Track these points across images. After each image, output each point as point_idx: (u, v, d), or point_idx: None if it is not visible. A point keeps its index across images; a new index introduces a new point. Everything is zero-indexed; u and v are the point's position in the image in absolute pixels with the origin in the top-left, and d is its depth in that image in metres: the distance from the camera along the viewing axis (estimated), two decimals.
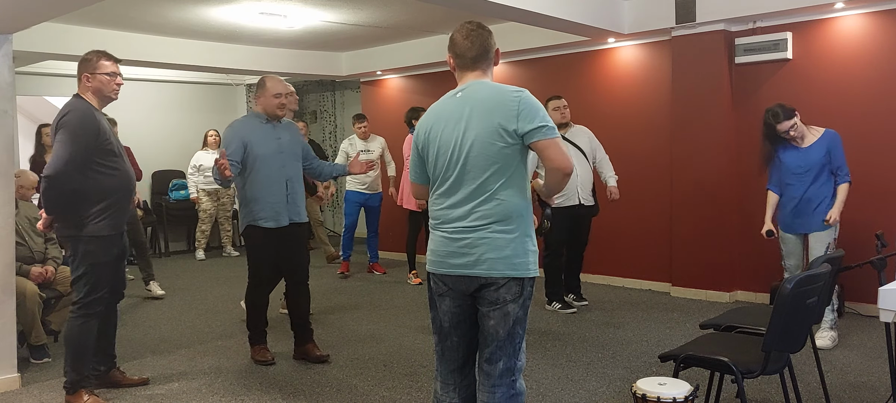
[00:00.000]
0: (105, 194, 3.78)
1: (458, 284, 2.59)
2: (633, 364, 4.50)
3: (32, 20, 4.35)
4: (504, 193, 2.53)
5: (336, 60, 9.24)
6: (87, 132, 3.69)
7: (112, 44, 6.98)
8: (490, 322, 2.55)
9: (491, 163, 2.51)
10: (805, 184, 4.63)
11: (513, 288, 2.53)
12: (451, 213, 2.59)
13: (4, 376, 4.27)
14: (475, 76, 2.65)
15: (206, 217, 9.36)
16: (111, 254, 3.88)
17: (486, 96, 2.56)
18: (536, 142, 2.50)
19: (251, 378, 4.43)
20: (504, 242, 2.51)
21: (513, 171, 2.54)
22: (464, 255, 2.55)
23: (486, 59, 2.66)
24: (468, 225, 2.54)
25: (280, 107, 4.52)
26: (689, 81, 6.33)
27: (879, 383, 4.06)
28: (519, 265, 2.53)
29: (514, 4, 5.21)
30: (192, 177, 9.22)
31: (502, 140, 2.50)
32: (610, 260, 7.12)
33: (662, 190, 6.69)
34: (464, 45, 2.64)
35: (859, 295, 5.55)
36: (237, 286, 7.38)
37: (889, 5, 5.45)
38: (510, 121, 2.49)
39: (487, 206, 2.52)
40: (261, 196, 4.40)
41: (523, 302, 2.57)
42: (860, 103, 5.61)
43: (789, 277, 2.70)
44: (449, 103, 2.65)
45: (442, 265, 2.62)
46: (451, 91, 2.68)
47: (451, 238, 2.58)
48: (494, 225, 2.51)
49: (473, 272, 2.54)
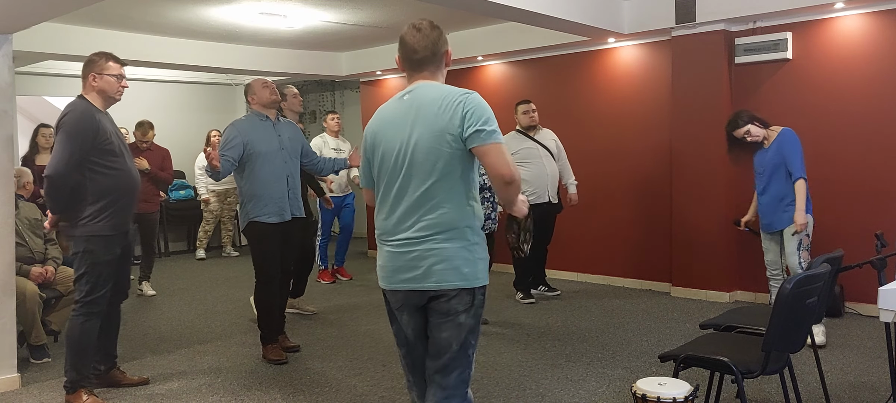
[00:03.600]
0: (103, 193, 3.79)
1: (410, 298, 2.49)
2: (633, 364, 4.50)
3: (32, 20, 4.35)
4: (451, 201, 2.40)
5: (336, 60, 9.24)
6: (85, 132, 3.71)
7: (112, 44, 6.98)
8: (443, 334, 2.46)
9: (435, 169, 2.38)
10: (763, 182, 4.86)
11: (464, 299, 2.44)
12: (395, 225, 2.47)
13: (4, 376, 4.27)
14: (423, 78, 2.52)
15: (211, 217, 9.39)
16: (112, 254, 3.88)
17: (433, 98, 2.42)
18: (477, 147, 2.35)
19: (251, 378, 4.43)
20: (452, 252, 2.40)
21: (459, 177, 2.40)
22: (412, 269, 2.43)
23: (436, 61, 2.52)
24: (414, 236, 2.42)
25: (272, 93, 4.64)
26: (689, 81, 6.33)
27: (879, 383, 4.06)
28: (468, 275, 2.42)
29: (514, 4, 5.21)
30: (202, 177, 9.22)
31: (447, 145, 2.37)
32: (610, 260, 7.12)
33: (662, 190, 6.68)
34: (412, 45, 2.50)
35: (859, 295, 5.55)
36: (237, 286, 7.39)
37: (889, 5, 5.45)
38: (454, 124, 2.36)
39: (433, 216, 2.40)
40: (264, 192, 4.49)
41: (475, 312, 2.47)
42: (860, 103, 5.61)
43: (789, 277, 2.70)
44: (395, 106, 2.53)
45: (392, 280, 2.50)
46: (399, 92, 2.55)
47: (397, 252, 2.46)
48: (441, 235, 2.40)
49: (423, 286, 2.43)
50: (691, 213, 6.39)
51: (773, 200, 4.81)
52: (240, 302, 6.60)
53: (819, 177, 5.51)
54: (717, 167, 6.23)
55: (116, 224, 3.86)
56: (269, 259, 4.61)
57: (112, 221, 3.83)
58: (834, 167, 5.70)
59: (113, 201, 3.82)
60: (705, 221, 6.30)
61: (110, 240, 3.85)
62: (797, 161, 4.69)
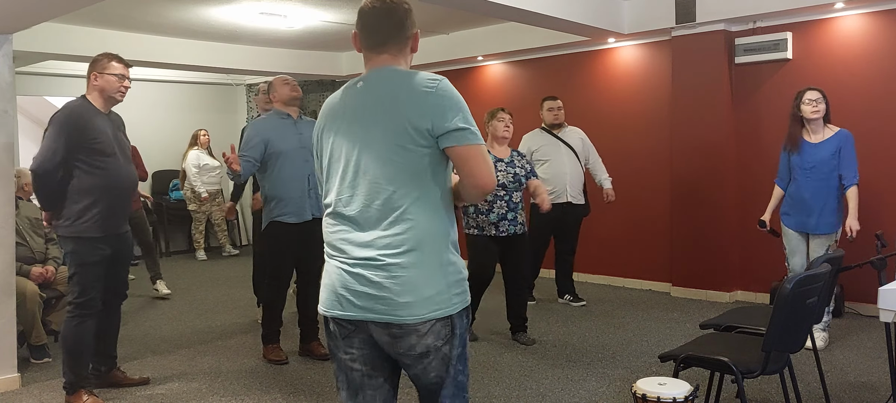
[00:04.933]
0: (87, 192, 3.75)
1: (366, 330, 2.02)
2: (633, 364, 4.50)
3: (33, 20, 4.35)
4: (417, 212, 1.95)
5: (336, 60, 9.24)
6: (72, 129, 3.70)
7: (112, 44, 6.99)
8: (431, 375, 2.02)
9: (398, 172, 1.94)
10: (811, 181, 4.54)
11: (441, 331, 1.98)
12: (348, 239, 2.00)
13: (4, 376, 4.27)
14: (382, 61, 2.05)
15: (202, 217, 9.36)
16: (99, 256, 3.82)
17: (394, 87, 1.98)
18: (452, 148, 1.94)
19: (251, 378, 4.43)
20: (422, 277, 1.94)
21: (429, 183, 1.96)
22: (370, 297, 1.96)
23: (400, 40, 2.06)
24: (374, 255, 1.95)
25: (293, 90, 4.61)
26: (689, 81, 6.33)
27: (879, 383, 4.06)
28: (443, 301, 1.97)
29: (514, 4, 5.21)
30: (198, 177, 9.20)
31: (413, 142, 1.93)
32: (610, 260, 7.12)
33: (662, 190, 6.69)
34: (370, 19, 2.05)
35: (859, 295, 5.55)
36: (237, 286, 7.39)
37: (889, 5, 5.45)
38: (422, 117, 1.92)
39: (395, 230, 1.94)
40: (284, 192, 4.46)
41: (460, 338, 2.04)
42: (860, 103, 5.61)
43: (789, 277, 2.70)
44: (348, 95, 2.07)
45: (342, 306, 2.02)
46: (352, 79, 2.11)
47: (352, 273, 1.99)
48: (407, 255, 1.94)
49: (385, 318, 1.95)
50: (691, 213, 6.39)
51: (812, 201, 4.54)
52: (240, 301, 6.60)
53: None
54: (717, 167, 6.23)
55: (104, 225, 3.80)
56: (283, 259, 4.58)
57: (99, 223, 3.78)
58: None
59: (97, 201, 3.77)
60: (705, 221, 6.30)
61: (97, 242, 3.79)
62: (855, 165, 4.50)
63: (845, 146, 4.50)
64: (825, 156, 4.51)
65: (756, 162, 6.13)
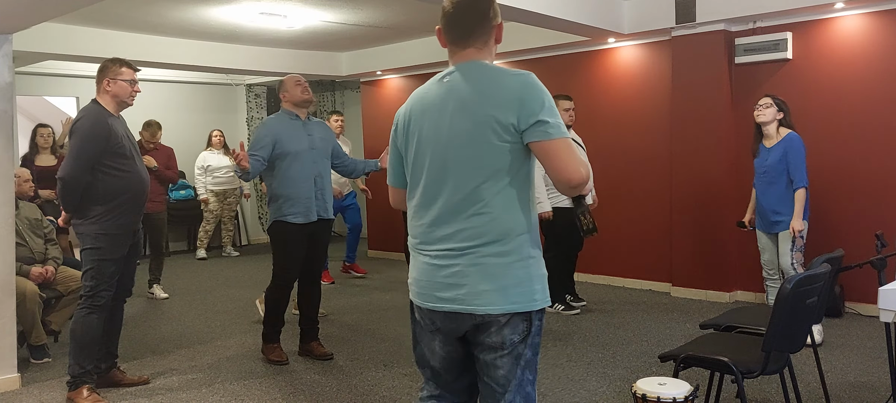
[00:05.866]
0: (114, 194, 3.90)
1: (448, 323, 2.07)
2: (633, 364, 4.50)
3: (32, 20, 4.35)
4: (499, 205, 1.99)
5: (336, 60, 9.24)
6: (97, 136, 3.84)
7: (112, 44, 7.01)
8: (499, 371, 2.04)
9: (482, 166, 1.99)
10: (762, 185, 4.84)
11: (519, 327, 2.02)
12: (433, 231, 2.07)
13: (4, 376, 4.27)
14: (468, 55, 2.09)
15: (211, 217, 9.40)
16: (119, 252, 3.97)
17: (480, 82, 2.02)
18: (537, 143, 1.95)
19: (251, 378, 4.43)
20: (500, 268, 1.99)
21: (512, 177, 2.00)
22: (452, 287, 2.02)
23: (483, 34, 2.08)
24: (455, 247, 2.01)
25: (304, 92, 4.59)
26: (689, 81, 6.33)
27: (879, 383, 4.06)
28: (522, 296, 2.01)
29: (514, 4, 5.21)
30: (201, 177, 9.22)
31: (498, 136, 1.97)
32: (610, 260, 7.12)
33: (662, 190, 6.69)
34: (454, 13, 2.08)
35: (859, 295, 5.55)
36: (237, 286, 7.39)
37: (889, 5, 5.45)
38: (508, 112, 1.95)
39: (478, 222, 1.99)
40: (291, 192, 4.46)
41: (532, 340, 2.05)
42: (860, 103, 5.61)
43: (789, 277, 2.70)
44: (433, 89, 2.11)
45: (427, 298, 2.09)
46: (437, 74, 2.16)
47: (434, 264, 2.06)
48: (488, 246, 1.99)
49: (465, 308, 2.01)
50: (691, 213, 6.39)
51: (766, 204, 4.82)
52: (240, 301, 6.61)
53: (819, 177, 5.51)
54: (717, 166, 6.23)
55: (124, 223, 3.96)
56: (290, 260, 4.56)
57: (120, 220, 3.93)
58: (834, 167, 5.71)
59: (122, 202, 3.93)
60: (705, 221, 6.31)
61: (117, 239, 3.95)
62: (801, 169, 4.65)
63: (790, 150, 4.69)
64: (773, 161, 4.75)
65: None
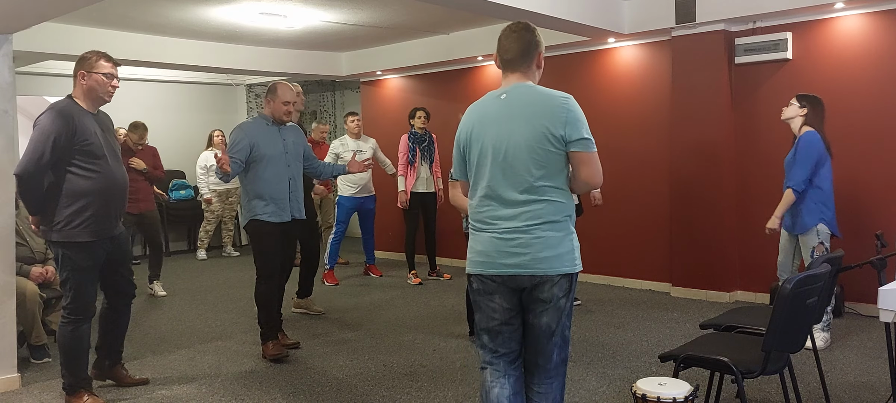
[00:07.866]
0: (79, 196, 3.65)
1: (510, 283, 2.66)
2: (633, 364, 4.50)
3: (32, 20, 4.35)
4: (553, 193, 2.62)
5: (336, 60, 9.24)
6: (58, 132, 3.56)
7: (112, 44, 7.00)
8: (544, 319, 2.65)
9: (540, 164, 2.60)
10: (786, 181, 4.72)
11: (564, 285, 2.64)
12: (499, 213, 2.65)
13: (4, 376, 4.27)
14: (516, 78, 2.71)
15: (213, 217, 9.41)
16: (93, 260, 3.76)
17: (533, 100, 2.64)
18: (577, 153, 2.60)
19: (251, 378, 4.43)
20: (556, 240, 2.62)
21: (560, 172, 2.64)
22: (517, 255, 2.61)
23: (528, 61, 2.71)
24: (520, 225, 2.61)
25: (287, 114, 4.79)
26: (689, 81, 6.33)
27: (879, 383, 4.06)
28: (569, 261, 2.63)
29: (514, 4, 5.22)
30: (204, 177, 9.22)
31: (550, 144, 2.59)
32: (610, 260, 7.12)
33: (662, 190, 6.69)
34: (505, 45, 2.72)
35: (859, 295, 5.55)
36: (237, 286, 7.39)
37: (889, 5, 5.45)
38: (557, 126, 2.58)
39: (538, 206, 2.61)
40: (266, 192, 4.63)
41: (570, 295, 2.69)
42: (860, 103, 5.61)
43: (789, 277, 2.70)
44: (493, 104, 2.72)
45: (492, 265, 2.67)
46: (492, 91, 2.74)
47: (502, 238, 2.65)
48: (546, 224, 2.61)
49: (528, 271, 2.61)
50: (691, 213, 6.39)
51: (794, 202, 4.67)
52: (240, 301, 6.61)
53: None
54: (717, 167, 6.23)
55: (96, 230, 3.71)
56: (269, 256, 4.72)
57: (91, 227, 3.69)
58: (834, 167, 5.68)
59: (89, 204, 3.67)
60: (705, 221, 6.30)
61: (89, 247, 3.72)
62: (801, 169, 4.56)
63: (798, 147, 4.63)
64: (789, 159, 4.72)
65: (756, 162, 6.13)
